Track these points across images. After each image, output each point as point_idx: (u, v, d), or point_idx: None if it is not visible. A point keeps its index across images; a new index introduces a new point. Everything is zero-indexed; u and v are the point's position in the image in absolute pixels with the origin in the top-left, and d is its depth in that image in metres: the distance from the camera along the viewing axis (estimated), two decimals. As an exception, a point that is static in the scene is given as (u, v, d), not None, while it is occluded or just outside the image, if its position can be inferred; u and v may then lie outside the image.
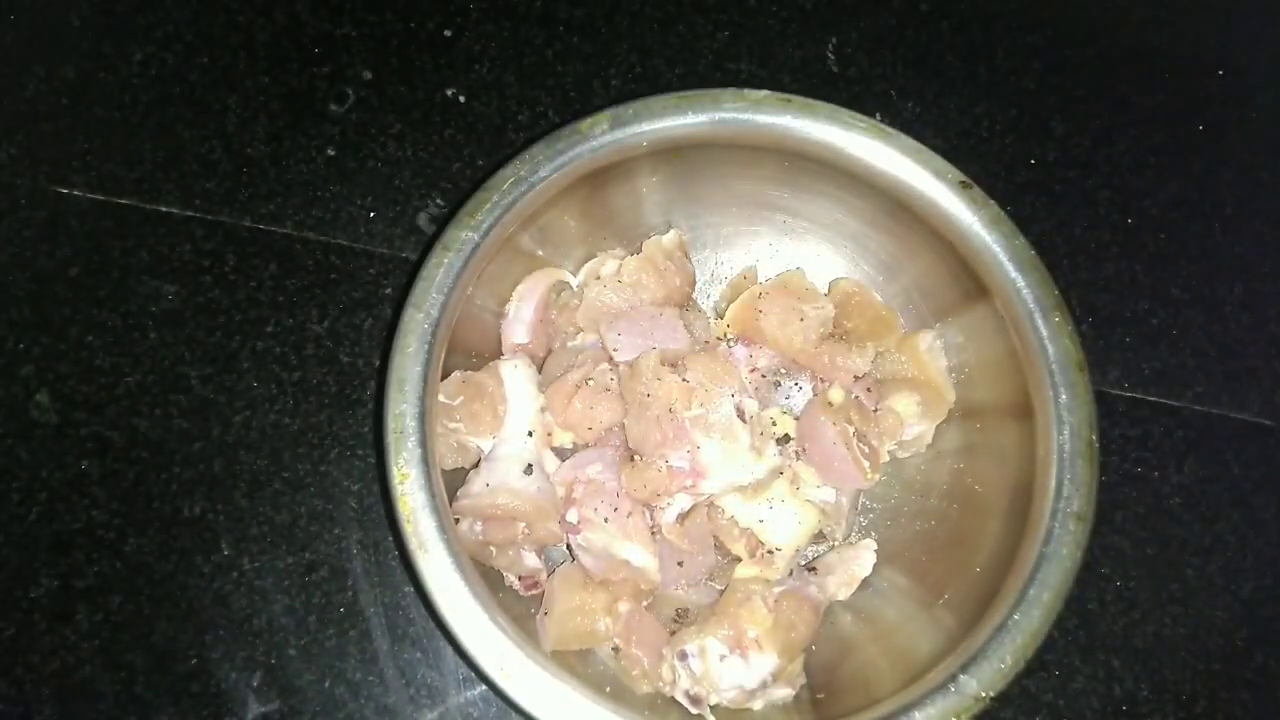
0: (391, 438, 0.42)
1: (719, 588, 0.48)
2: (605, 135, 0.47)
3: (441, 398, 0.46)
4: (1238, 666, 0.53)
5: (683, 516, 0.46)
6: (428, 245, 0.46)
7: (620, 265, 0.51)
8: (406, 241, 0.58)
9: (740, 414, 0.46)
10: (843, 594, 0.49)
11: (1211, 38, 0.66)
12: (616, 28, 0.63)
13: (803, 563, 0.50)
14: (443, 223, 0.48)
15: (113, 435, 0.53)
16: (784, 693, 0.45)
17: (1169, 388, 0.58)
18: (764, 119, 0.48)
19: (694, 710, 0.45)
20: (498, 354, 0.51)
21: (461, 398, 0.47)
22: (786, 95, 0.48)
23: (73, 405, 0.54)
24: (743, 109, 0.47)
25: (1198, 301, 0.59)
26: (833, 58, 0.63)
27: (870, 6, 0.64)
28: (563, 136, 0.47)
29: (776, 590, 0.46)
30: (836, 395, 0.48)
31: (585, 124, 0.47)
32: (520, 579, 0.47)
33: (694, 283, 0.53)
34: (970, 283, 0.48)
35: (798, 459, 0.48)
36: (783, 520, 0.47)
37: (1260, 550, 0.55)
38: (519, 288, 0.52)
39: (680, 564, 0.46)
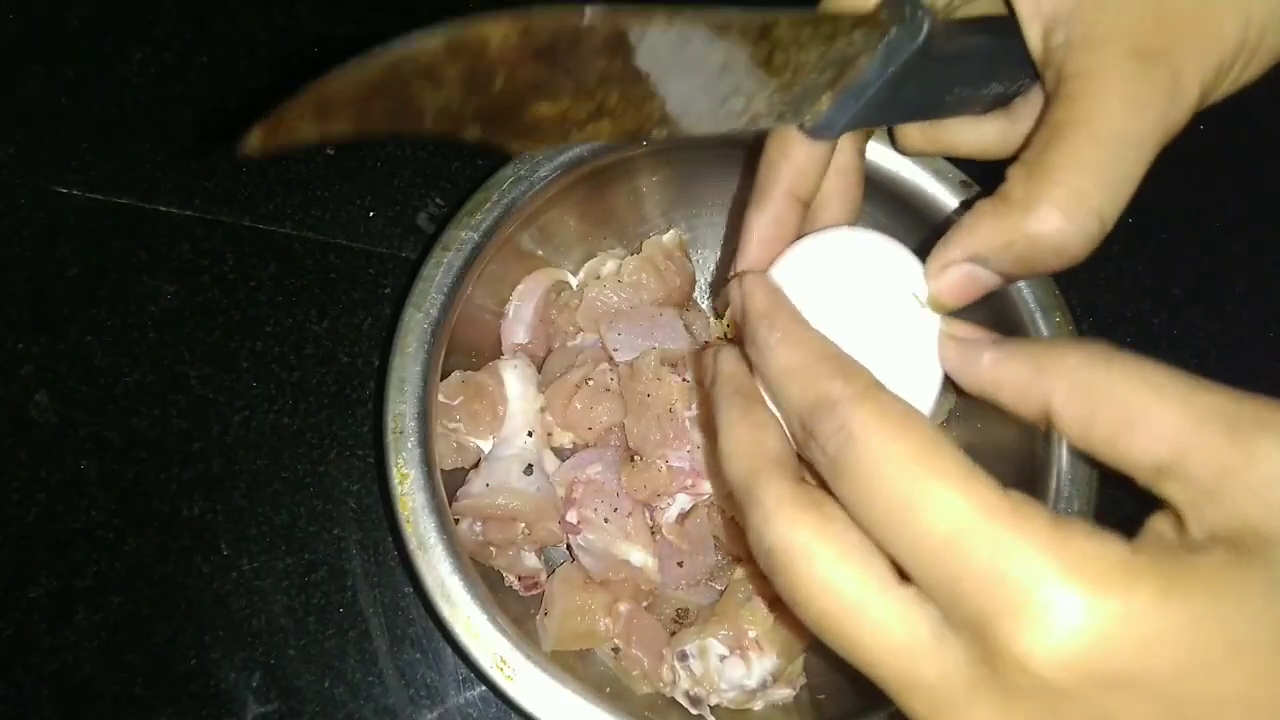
0: (391, 438, 0.42)
1: (719, 588, 0.48)
2: (605, 135, 0.47)
3: (441, 398, 0.46)
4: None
5: (683, 516, 0.46)
6: (428, 245, 0.46)
7: (620, 265, 0.51)
8: (406, 241, 0.57)
9: (740, 414, 0.46)
10: (843, 594, 0.49)
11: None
12: (616, 27, 0.63)
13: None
14: (443, 223, 0.48)
15: (112, 435, 0.53)
16: (784, 693, 0.45)
17: (1169, 388, 0.58)
18: (764, 119, 0.47)
19: (694, 711, 0.45)
20: (498, 354, 0.51)
21: (461, 398, 0.47)
22: (787, 95, 0.48)
23: (72, 405, 0.53)
24: (743, 109, 0.47)
25: (1198, 301, 0.59)
26: (833, 58, 0.63)
27: (870, 6, 0.64)
28: (563, 136, 0.47)
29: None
30: None
31: (585, 124, 0.47)
32: (520, 579, 0.47)
33: (694, 283, 0.53)
34: (970, 283, 0.48)
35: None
36: (783, 520, 0.47)
37: (1260, 550, 0.55)
38: (519, 288, 0.52)
39: (680, 564, 0.46)
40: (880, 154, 0.47)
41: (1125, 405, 0.23)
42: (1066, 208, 0.28)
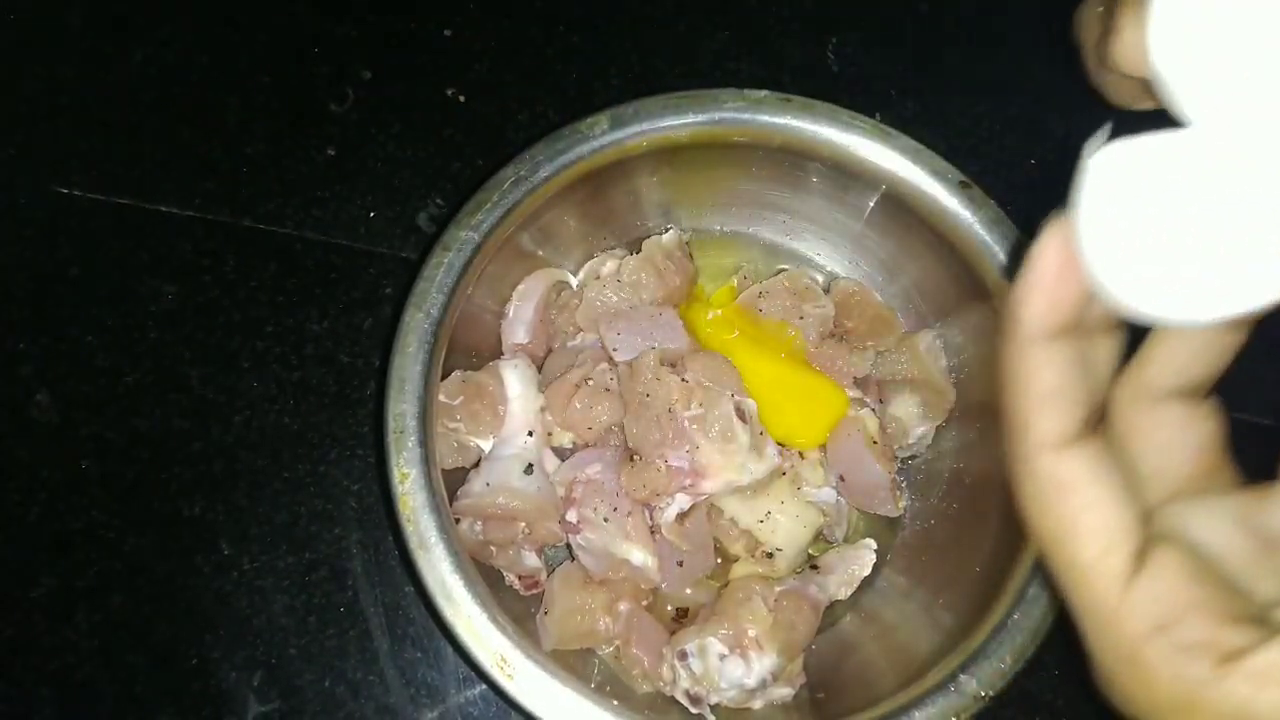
0: (392, 438, 0.42)
1: (719, 587, 0.48)
2: (605, 135, 0.47)
3: (441, 398, 0.46)
4: (1237, 666, 0.53)
5: (682, 516, 0.46)
6: (428, 245, 0.46)
7: (620, 265, 0.51)
8: (406, 241, 0.57)
9: (740, 414, 0.46)
10: (843, 593, 0.49)
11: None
12: (617, 27, 0.63)
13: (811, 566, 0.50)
14: (443, 223, 0.48)
15: (113, 435, 0.53)
16: (784, 692, 0.45)
17: (1169, 387, 0.58)
18: (764, 119, 0.48)
19: (694, 710, 0.45)
20: (498, 354, 0.51)
21: (461, 398, 0.47)
22: (786, 95, 0.48)
23: (73, 405, 0.54)
24: (743, 109, 0.47)
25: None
26: (833, 58, 0.63)
27: (870, 6, 0.64)
28: (563, 136, 0.47)
29: (776, 589, 0.46)
30: (872, 425, 0.48)
31: (585, 124, 0.47)
32: (520, 579, 0.47)
33: (695, 282, 0.53)
34: (970, 283, 0.48)
35: (802, 458, 0.48)
36: (783, 521, 0.47)
37: (1260, 550, 0.55)
38: (519, 288, 0.52)
39: (680, 564, 0.46)
40: (879, 153, 0.47)
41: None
42: None
